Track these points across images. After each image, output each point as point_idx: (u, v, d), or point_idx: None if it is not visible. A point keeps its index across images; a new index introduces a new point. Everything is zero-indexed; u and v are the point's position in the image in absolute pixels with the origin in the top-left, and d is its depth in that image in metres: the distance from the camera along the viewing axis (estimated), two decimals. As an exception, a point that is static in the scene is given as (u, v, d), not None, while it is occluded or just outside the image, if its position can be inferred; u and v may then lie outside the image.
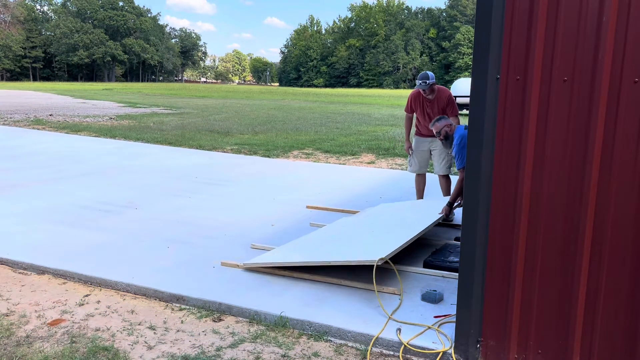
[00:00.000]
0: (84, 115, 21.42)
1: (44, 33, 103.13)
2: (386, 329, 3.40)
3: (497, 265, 2.95)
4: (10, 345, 3.27)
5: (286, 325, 3.56)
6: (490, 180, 2.89)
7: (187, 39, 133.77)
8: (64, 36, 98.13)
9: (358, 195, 7.44)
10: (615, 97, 2.60)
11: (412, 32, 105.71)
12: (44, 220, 5.89)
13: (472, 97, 2.87)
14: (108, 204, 6.74)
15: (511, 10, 2.70)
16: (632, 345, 2.73)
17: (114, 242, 5.18)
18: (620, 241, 2.69)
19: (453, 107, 5.97)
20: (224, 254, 4.82)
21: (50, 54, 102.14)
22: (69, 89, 54.94)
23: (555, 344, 2.89)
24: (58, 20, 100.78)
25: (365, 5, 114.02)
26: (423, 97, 6.04)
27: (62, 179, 8.27)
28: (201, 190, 7.63)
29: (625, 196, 2.65)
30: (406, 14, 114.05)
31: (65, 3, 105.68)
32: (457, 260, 4.39)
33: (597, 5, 2.57)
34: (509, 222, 2.88)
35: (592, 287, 2.77)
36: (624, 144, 2.61)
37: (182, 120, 19.87)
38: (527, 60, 2.71)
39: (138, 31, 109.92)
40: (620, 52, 2.56)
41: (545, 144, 2.75)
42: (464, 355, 3.09)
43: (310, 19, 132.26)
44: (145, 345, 3.32)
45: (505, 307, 2.96)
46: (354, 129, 17.13)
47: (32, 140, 13.24)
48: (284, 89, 76.17)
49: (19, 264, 4.59)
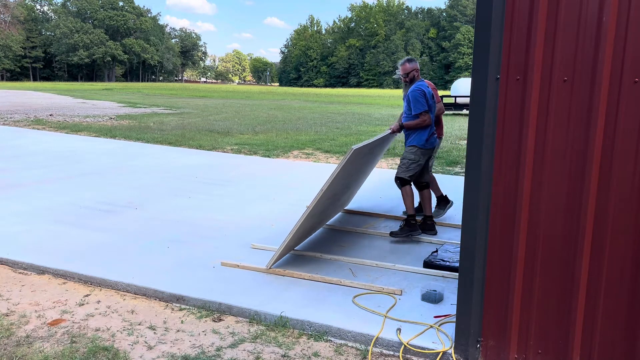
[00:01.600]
0: (84, 115, 21.43)
1: (44, 33, 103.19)
2: (386, 329, 3.41)
3: (497, 265, 2.95)
4: (10, 345, 3.27)
5: (286, 325, 3.56)
6: (490, 180, 2.89)
7: (187, 39, 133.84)
8: (64, 36, 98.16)
9: (358, 195, 7.43)
10: (615, 97, 2.60)
11: (412, 32, 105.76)
12: (44, 220, 5.89)
13: (472, 97, 2.87)
14: (108, 204, 6.74)
15: (511, 10, 2.70)
16: (632, 346, 2.73)
17: (114, 242, 5.18)
18: (620, 241, 2.69)
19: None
20: (224, 254, 4.83)
21: (50, 54, 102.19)
22: (69, 89, 54.95)
23: (555, 344, 2.89)
24: (58, 20, 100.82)
25: (365, 5, 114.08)
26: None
27: (62, 179, 8.27)
28: (201, 190, 7.63)
29: (626, 196, 2.65)
30: (406, 14, 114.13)
31: (65, 3, 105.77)
32: (457, 260, 4.39)
33: (597, 5, 2.57)
34: (509, 222, 2.88)
35: (592, 287, 2.77)
36: (624, 143, 2.61)
37: (182, 120, 19.87)
38: (527, 60, 2.71)
39: (138, 31, 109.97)
40: (620, 52, 2.56)
41: (545, 144, 2.75)
42: (464, 355, 3.09)
43: (310, 19, 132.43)
44: (145, 345, 3.32)
45: (505, 307, 2.96)
46: (354, 129, 17.13)
47: (32, 140, 13.24)
48: (284, 89, 76.17)
49: (19, 264, 4.59)
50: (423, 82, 5.28)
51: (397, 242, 5.34)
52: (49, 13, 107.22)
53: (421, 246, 5.20)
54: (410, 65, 5.33)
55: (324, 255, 4.80)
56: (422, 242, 5.34)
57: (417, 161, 5.25)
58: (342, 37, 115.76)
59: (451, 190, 7.78)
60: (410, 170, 5.25)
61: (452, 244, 5.01)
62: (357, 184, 5.65)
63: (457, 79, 31.97)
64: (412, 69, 5.31)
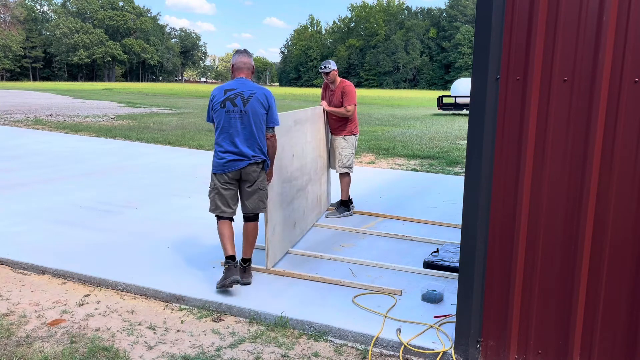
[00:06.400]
0: (84, 115, 21.43)
1: (44, 33, 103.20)
2: (386, 329, 3.40)
3: (497, 265, 2.95)
4: (10, 345, 3.27)
5: (286, 325, 3.56)
6: (490, 180, 2.88)
7: (187, 39, 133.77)
8: (64, 36, 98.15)
9: (358, 195, 7.43)
10: (615, 97, 2.60)
11: (412, 32, 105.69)
12: (44, 220, 5.89)
13: (472, 97, 2.87)
14: (108, 204, 6.73)
15: (511, 10, 2.70)
16: (632, 346, 2.73)
17: (114, 242, 5.18)
18: (620, 241, 2.69)
19: (347, 97, 5.99)
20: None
21: (50, 54, 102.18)
22: (69, 89, 54.94)
23: (555, 344, 2.89)
24: (58, 20, 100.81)
25: (365, 5, 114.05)
26: (329, 87, 6.19)
27: (62, 179, 8.26)
28: (201, 190, 7.61)
29: (626, 196, 2.65)
30: (406, 13, 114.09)
31: (65, 3, 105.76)
32: (457, 260, 4.39)
33: (597, 5, 2.57)
34: (509, 222, 2.88)
35: (592, 287, 2.77)
36: (624, 143, 2.61)
37: (182, 120, 19.87)
38: (527, 60, 2.71)
39: (138, 31, 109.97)
40: (620, 52, 2.56)
41: (545, 144, 2.75)
42: (464, 355, 3.09)
43: (310, 19, 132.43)
44: (145, 346, 3.32)
45: (505, 307, 2.96)
46: (354, 129, 17.11)
47: (32, 140, 13.23)
48: (284, 89, 76.16)
49: (19, 264, 4.59)
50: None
51: (396, 242, 5.33)
52: (49, 13, 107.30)
53: (421, 246, 5.20)
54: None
55: (324, 255, 4.80)
56: (422, 242, 5.34)
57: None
58: (342, 37, 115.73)
59: (451, 190, 7.79)
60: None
61: (452, 244, 5.00)
62: (309, 162, 5.65)
63: (457, 79, 31.96)
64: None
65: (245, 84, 4.09)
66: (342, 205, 6.32)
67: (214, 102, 4.05)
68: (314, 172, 5.81)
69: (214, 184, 4.11)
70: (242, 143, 3.97)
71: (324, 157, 6.29)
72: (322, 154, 6.17)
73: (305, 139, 5.47)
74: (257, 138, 4.01)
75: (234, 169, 4.01)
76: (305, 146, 5.47)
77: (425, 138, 15.05)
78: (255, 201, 4.11)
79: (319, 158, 6.03)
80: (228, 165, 4.01)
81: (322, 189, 6.27)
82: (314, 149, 5.81)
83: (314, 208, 5.87)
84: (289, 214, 4.94)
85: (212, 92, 4.11)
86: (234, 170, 4.01)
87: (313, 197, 5.82)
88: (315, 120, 5.89)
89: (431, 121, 21.98)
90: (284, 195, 4.73)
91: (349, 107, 5.96)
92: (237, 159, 3.99)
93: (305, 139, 5.47)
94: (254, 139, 4.00)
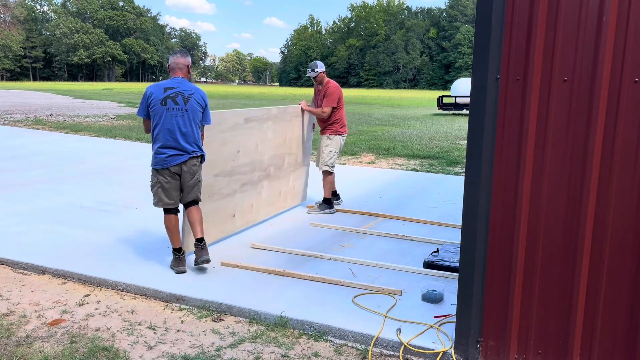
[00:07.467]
0: (84, 115, 21.43)
1: (44, 33, 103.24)
2: (386, 329, 3.40)
3: (497, 265, 2.95)
4: (10, 345, 3.27)
5: (286, 325, 3.56)
6: (490, 180, 2.88)
7: (187, 39, 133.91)
8: (64, 36, 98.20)
9: (358, 195, 7.44)
10: (615, 97, 2.60)
11: (412, 32, 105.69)
12: (44, 220, 5.89)
13: (472, 97, 2.87)
14: (108, 204, 6.73)
15: (511, 10, 2.70)
16: (632, 346, 2.73)
17: (114, 242, 5.18)
18: (620, 241, 2.69)
19: (326, 99, 6.20)
20: (224, 254, 4.82)
21: (50, 54, 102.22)
22: (69, 89, 54.94)
23: (555, 344, 2.89)
24: (58, 20, 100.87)
25: (365, 5, 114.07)
26: (318, 87, 6.39)
27: (62, 179, 8.26)
28: (201, 190, 7.62)
29: (626, 196, 2.65)
30: (406, 13, 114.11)
31: (65, 3, 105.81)
32: (457, 260, 4.39)
33: (597, 5, 2.57)
34: (509, 222, 2.88)
35: (592, 287, 2.77)
36: (624, 143, 2.61)
37: (182, 120, 19.83)
38: (527, 60, 2.71)
39: (138, 31, 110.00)
40: (620, 52, 2.56)
41: (545, 144, 2.75)
42: (464, 355, 3.09)
43: (310, 19, 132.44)
44: (145, 345, 3.32)
45: (506, 307, 2.96)
46: (354, 129, 17.12)
47: (32, 140, 13.23)
48: (285, 90, 76.16)
49: (19, 264, 4.59)
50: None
51: (396, 242, 5.34)
52: (49, 13, 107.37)
53: (421, 246, 5.20)
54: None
55: (324, 255, 4.80)
56: (422, 242, 5.34)
57: None
58: (342, 37, 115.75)
59: (451, 190, 7.79)
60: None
61: (452, 244, 5.00)
62: (266, 159, 5.78)
63: (457, 79, 31.96)
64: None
65: (184, 83, 4.36)
66: (324, 202, 6.45)
67: (152, 100, 4.27)
68: (275, 168, 5.99)
69: (156, 178, 4.35)
70: (183, 139, 4.25)
71: (298, 154, 6.46)
72: (293, 151, 6.34)
73: (264, 136, 5.64)
74: (195, 134, 4.33)
75: (176, 163, 4.28)
76: (263, 143, 5.64)
77: (425, 138, 15.05)
78: (195, 192, 4.46)
79: (287, 155, 6.20)
80: (169, 160, 4.26)
81: (290, 184, 6.43)
82: (279, 147, 5.98)
83: (273, 202, 6.08)
84: (226, 206, 5.15)
85: (148, 89, 4.32)
86: (176, 164, 4.28)
87: (272, 192, 6.01)
88: (287, 118, 6.07)
89: (431, 121, 21.98)
90: (216, 188, 4.96)
91: (325, 109, 6.21)
92: (178, 153, 4.27)
93: (264, 136, 5.64)
94: (193, 135, 4.31)
